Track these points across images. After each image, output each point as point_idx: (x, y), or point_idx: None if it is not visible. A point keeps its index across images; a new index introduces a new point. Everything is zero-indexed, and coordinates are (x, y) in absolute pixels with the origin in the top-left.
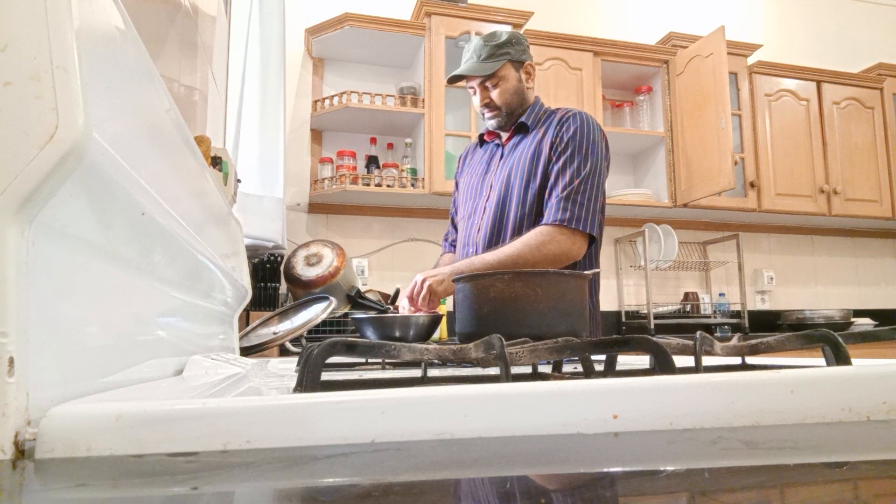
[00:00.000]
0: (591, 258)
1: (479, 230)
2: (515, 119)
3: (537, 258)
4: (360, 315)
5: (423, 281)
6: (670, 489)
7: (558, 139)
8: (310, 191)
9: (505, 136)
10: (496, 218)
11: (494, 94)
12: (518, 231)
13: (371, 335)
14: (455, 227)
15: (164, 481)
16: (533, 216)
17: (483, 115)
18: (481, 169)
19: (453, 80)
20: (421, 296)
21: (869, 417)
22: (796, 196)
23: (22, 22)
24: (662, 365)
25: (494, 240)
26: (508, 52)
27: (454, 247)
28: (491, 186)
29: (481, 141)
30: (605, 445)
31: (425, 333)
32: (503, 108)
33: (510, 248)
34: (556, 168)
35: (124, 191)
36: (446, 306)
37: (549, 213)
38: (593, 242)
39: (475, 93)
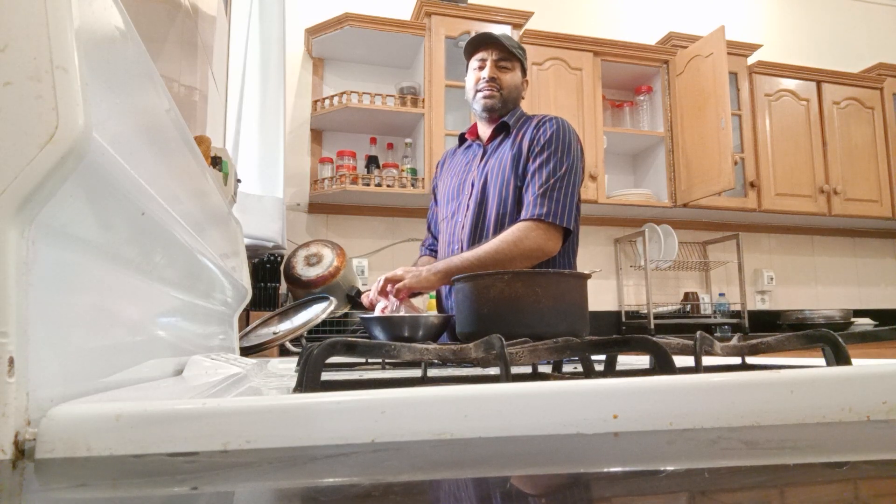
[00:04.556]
0: (569, 255)
1: (462, 227)
2: (505, 111)
3: (514, 254)
4: (366, 315)
5: (402, 278)
6: (670, 489)
7: (535, 141)
8: (310, 191)
9: (486, 136)
10: (477, 215)
11: (505, 77)
12: (498, 227)
13: (379, 336)
14: (432, 234)
15: (164, 481)
16: (514, 213)
17: (479, 91)
18: (462, 169)
19: (475, 42)
20: (387, 283)
21: (869, 417)
22: (796, 196)
23: (22, 22)
24: (662, 365)
25: (477, 236)
26: (522, 56)
27: (432, 251)
28: (472, 184)
29: (461, 141)
30: (605, 445)
31: (435, 334)
32: (503, 92)
33: (488, 246)
34: (532, 168)
35: (124, 191)
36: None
37: (526, 209)
38: (569, 236)
39: (483, 67)
